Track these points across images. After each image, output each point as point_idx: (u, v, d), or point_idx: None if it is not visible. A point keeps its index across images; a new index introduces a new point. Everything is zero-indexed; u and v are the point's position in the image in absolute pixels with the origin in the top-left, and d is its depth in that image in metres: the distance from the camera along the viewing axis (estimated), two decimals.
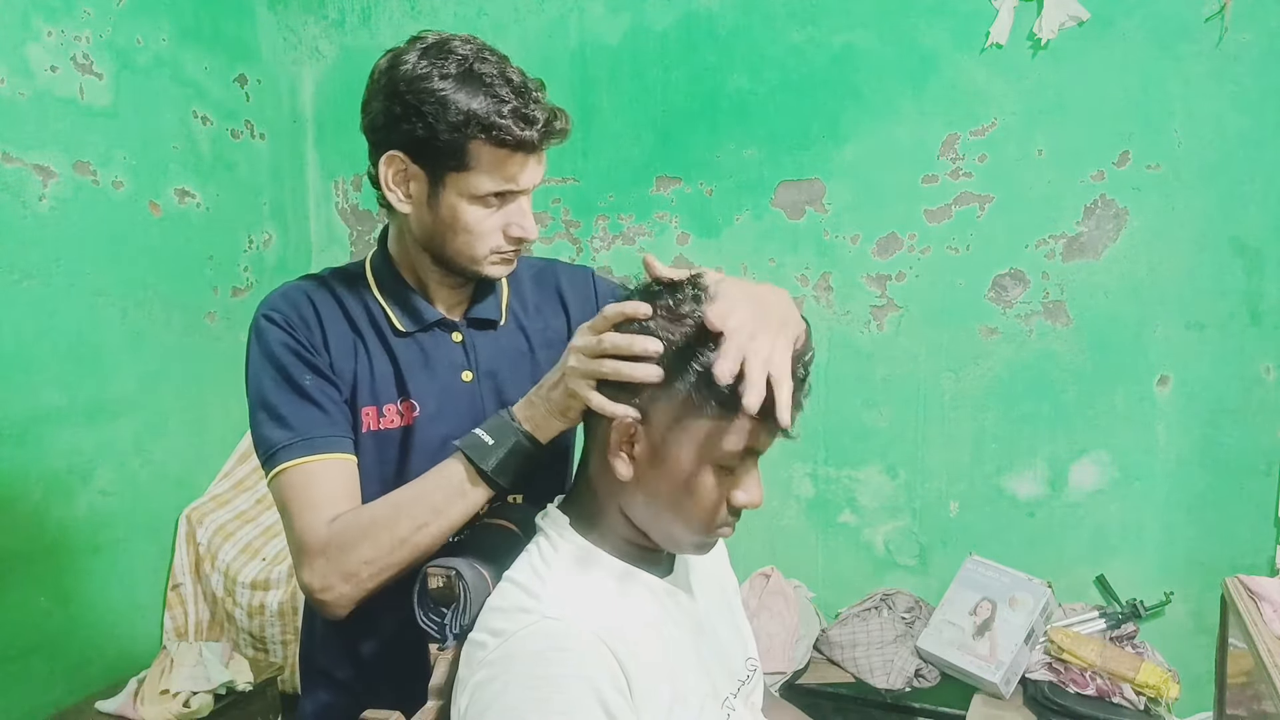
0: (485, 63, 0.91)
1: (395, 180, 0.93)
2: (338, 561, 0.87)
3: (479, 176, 0.91)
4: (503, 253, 0.96)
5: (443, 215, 0.93)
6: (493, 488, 0.88)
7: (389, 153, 0.92)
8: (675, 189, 2.12)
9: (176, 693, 1.81)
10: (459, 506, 0.88)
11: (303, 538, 0.89)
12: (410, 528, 0.87)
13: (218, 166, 2.22)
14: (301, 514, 0.90)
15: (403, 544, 0.87)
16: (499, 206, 0.94)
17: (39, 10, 1.77)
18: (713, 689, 0.82)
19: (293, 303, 0.97)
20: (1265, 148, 1.67)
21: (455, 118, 0.88)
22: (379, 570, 0.87)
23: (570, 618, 0.72)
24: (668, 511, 0.77)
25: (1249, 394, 1.72)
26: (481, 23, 2.22)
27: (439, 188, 0.92)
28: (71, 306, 1.84)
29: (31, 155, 1.76)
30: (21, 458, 1.75)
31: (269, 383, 0.94)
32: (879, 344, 1.99)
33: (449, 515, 0.88)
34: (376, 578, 0.87)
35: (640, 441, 0.76)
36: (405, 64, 0.90)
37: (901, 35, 1.89)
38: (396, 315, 1.00)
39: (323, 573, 0.88)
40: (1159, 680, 1.60)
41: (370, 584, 0.87)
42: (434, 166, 0.91)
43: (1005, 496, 1.93)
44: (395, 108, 0.90)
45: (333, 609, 0.88)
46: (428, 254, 0.98)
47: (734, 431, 0.74)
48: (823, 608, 2.04)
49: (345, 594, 0.87)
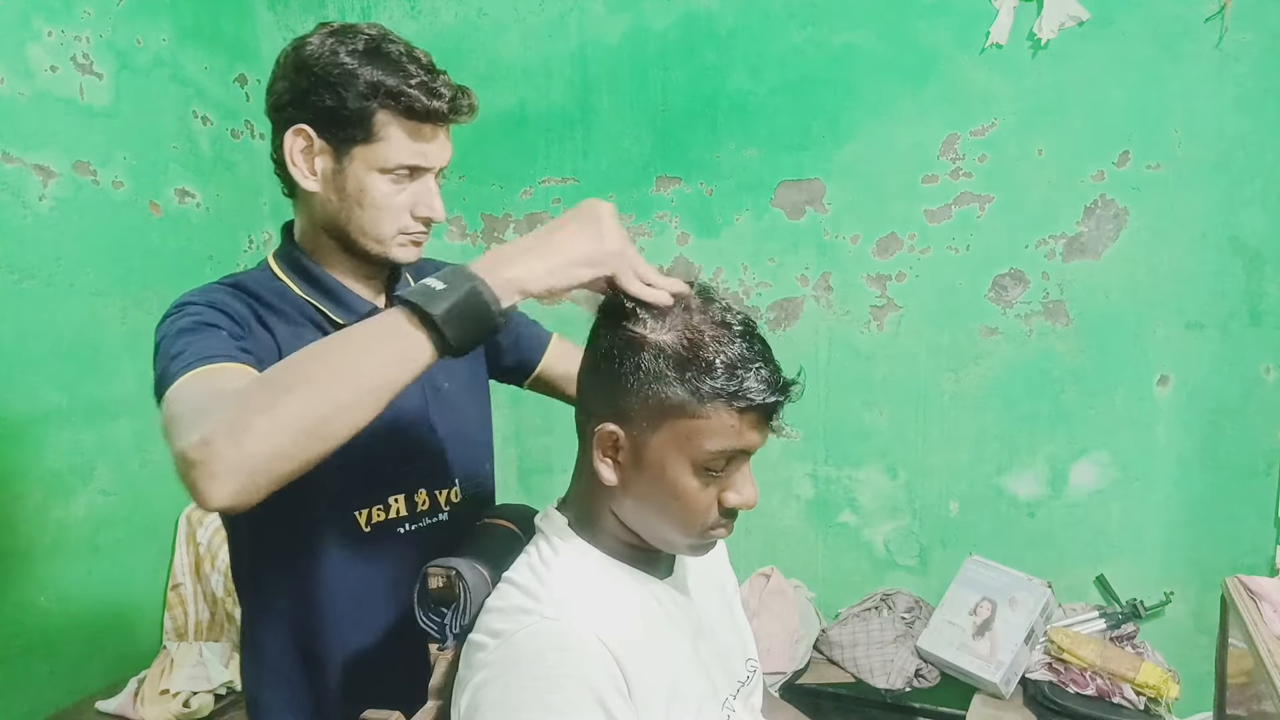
0: (392, 44, 0.93)
1: (300, 156, 0.91)
2: (222, 412, 0.65)
3: (386, 147, 0.90)
4: (410, 233, 0.95)
5: (349, 191, 0.91)
6: (436, 339, 0.71)
7: (295, 126, 0.90)
8: (675, 189, 2.12)
9: (176, 693, 1.81)
10: (390, 351, 0.70)
11: (189, 411, 0.69)
12: (325, 371, 0.67)
13: (218, 166, 2.22)
14: (194, 404, 0.70)
15: (315, 389, 0.66)
16: (406, 184, 0.93)
17: (39, 10, 1.77)
18: (712, 689, 0.82)
19: (209, 296, 0.90)
20: (1265, 148, 1.67)
21: (363, 87, 0.88)
22: (276, 429, 0.64)
23: (569, 619, 0.72)
24: (657, 516, 0.77)
25: (1249, 394, 1.72)
26: (482, 23, 2.22)
27: (345, 161, 0.91)
28: (71, 306, 1.84)
29: (31, 155, 1.76)
30: (21, 458, 1.75)
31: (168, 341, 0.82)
32: (879, 344, 1.99)
33: (379, 359, 0.69)
34: (271, 440, 0.64)
35: (624, 447, 0.76)
36: (310, 44, 0.92)
37: (901, 35, 1.89)
38: (328, 307, 0.97)
39: (200, 428, 0.64)
40: (1159, 680, 1.60)
41: (261, 448, 0.64)
42: (340, 140, 0.90)
43: (1005, 496, 1.93)
44: (302, 82, 0.90)
45: (208, 482, 0.63)
46: (334, 240, 0.96)
47: (713, 432, 0.73)
48: (823, 608, 2.04)
49: (228, 457, 0.63)
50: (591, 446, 0.77)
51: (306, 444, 0.66)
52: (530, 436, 2.33)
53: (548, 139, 2.22)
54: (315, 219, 0.96)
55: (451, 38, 2.24)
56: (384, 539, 0.98)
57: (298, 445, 0.66)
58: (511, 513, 1.01)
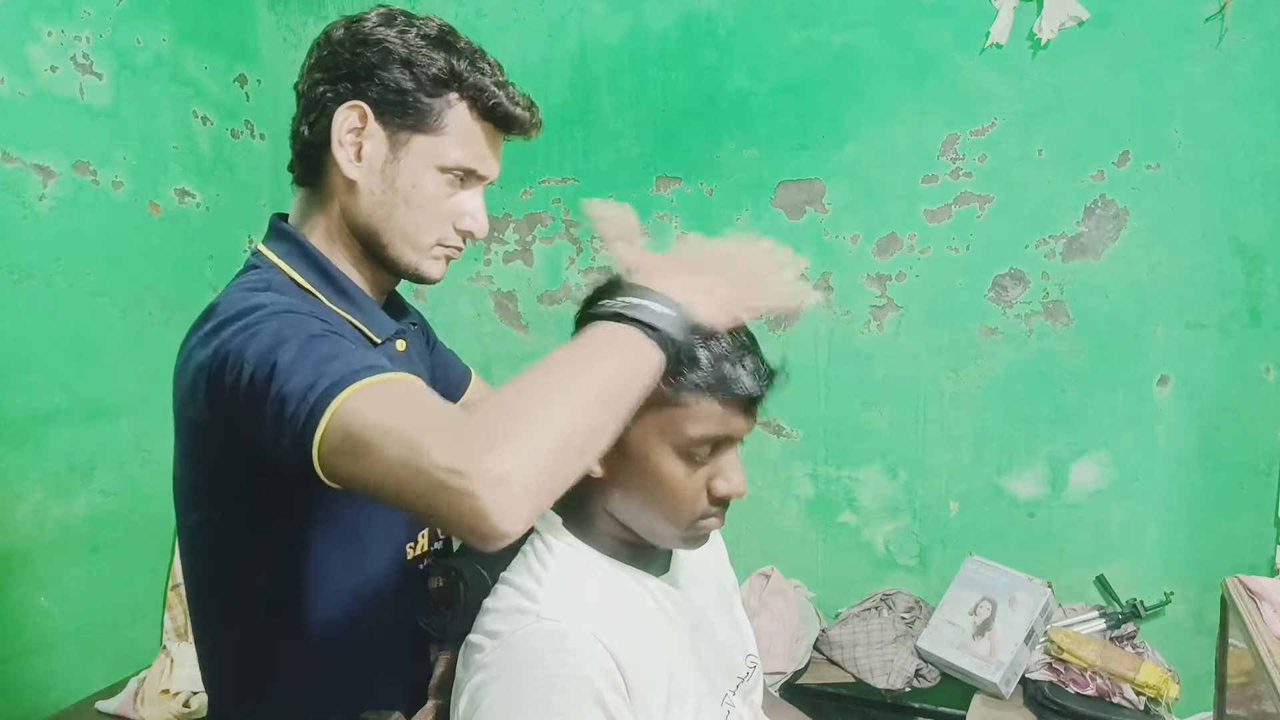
0: (463, 39, 0.86)
1: (348, 136, 0.81)
2: (509, 437, 0.55)
3: (449, 143, 0.82)
4: (447, 246, 0.88)
5: (399, 185, 0.82)
6: (665, 350, 0.66)
7: (352, 101, 0.80)
8: (675, 189, 2.12)
9: (176, 693, 1.81)
10: (641, 370, 0.64)
11: (437, 438, 0.56)
12: (596, 389, 0.61)
13: (218, 166, 2.22)
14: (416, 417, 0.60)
15: (588, 408, 0.60)
16: (458, 190, 0.86)
17: (39, 10, 1.77)
18: (711, 686, 0.83)
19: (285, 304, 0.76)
20: (1265, 148, 1.67)
21: (442, 72, 0.81)
22: (562, 442, 0.57)
23: (566, 619, 0.72)
24: (645, 506, 0.77)
25: (1249, 394, 1.72)
26: (481, 23, 2.22)
27: (401, 152, 0.82)
28: (71, 306, 1.84)
29: (31, 155, 1.76)
30: (21, 458, 1.75)
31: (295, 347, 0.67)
32: (879, 344, 1.99)
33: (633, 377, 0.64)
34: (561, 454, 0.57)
35: None
36: (369, 20, 0.83)
37: (901, 35, 1.89)
38: (365, 323, 0.87)
39: (494, 461, 0.54)
40: (1159, 680, 1.60)
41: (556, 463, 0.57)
42: (401, 126, 0.81)
43: (1005, 496, 1.92)
44: (368, 56, 0.80)
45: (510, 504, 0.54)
46: (360, 241, 0.86)
47: (695, 418, 0.73)
48: (823, 608, 2.04)
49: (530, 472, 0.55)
50: None
51: (579, 464, 0.61)
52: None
53: (548, 139, 2.21)
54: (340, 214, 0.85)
55: None
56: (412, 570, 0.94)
57: (571, 465, 0.60)
58: None
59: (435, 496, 0.55)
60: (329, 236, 0.87)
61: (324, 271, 0.85)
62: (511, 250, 2.28)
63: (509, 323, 2.28)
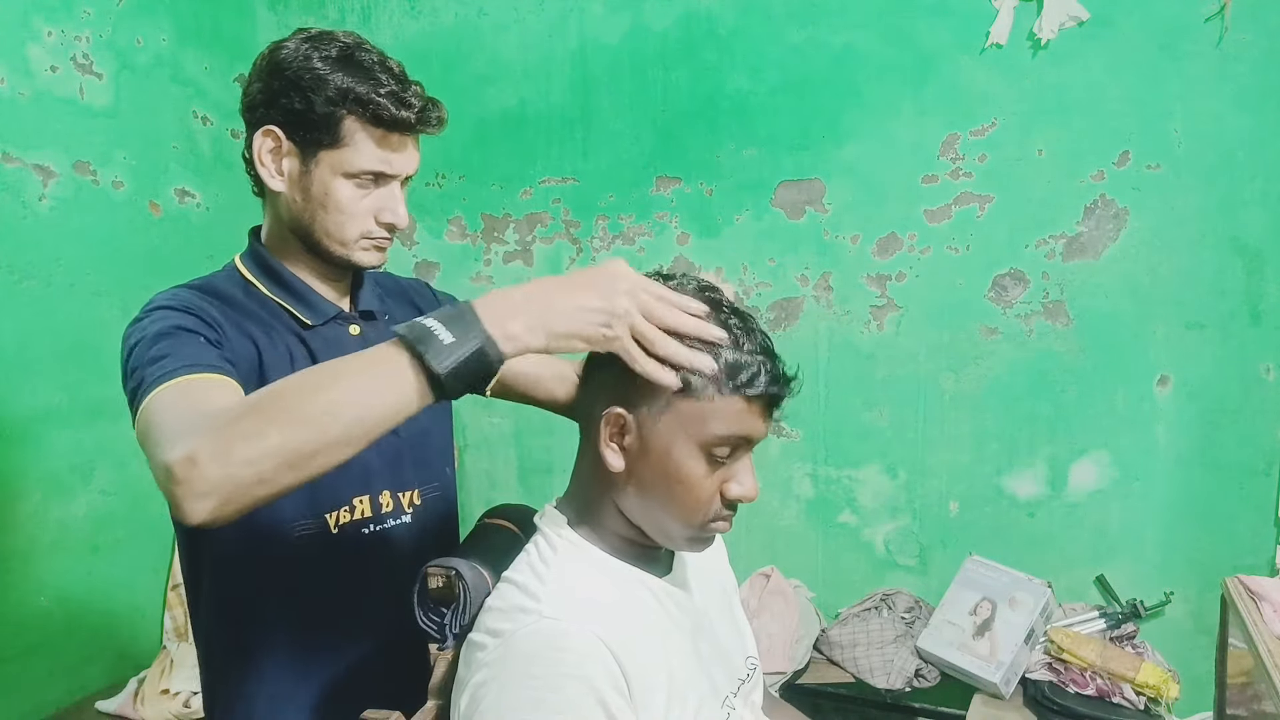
0: (365, 52, 0.94)
1: (269, 156, 0.94)
2: (212, 434, 0.65)
3: (352, 153, 0.91)
4: (373, 238, 0.97)
5: (314, 193, 0.93)
6: (434, 393, 0.69)
7: (264, 127, 0.93)
8: (675, 189, 2.12)
9: (176, 693, 1.81)
10: (386, 396, 0.68)
11: (172, 423, 0.70)
12: (320, 407, 0.66)
13: (218, 166, 2.22)
14: (178, 418, 0.70)
15: (304, 424, 0.65)
16: (371, 189, 0.94)
17: (39, 10, 1.77)
18: (712, 688, 0.83)
19: (182, 300, 0.90)
20: (1265, 148, 1.67)
21: (332, 93, 0.90)
22: (262, 457, 0.64)
23: (569, 618, 0.72)
24: (661, 504, 0.78)
25: (1249, 394, 1.72)
26: (481, 23, 2.22)
27: (312, 164, 0.92)
28: (71, 306, 1.84)
29: (31, 155, 1.76)
30: (21, 458, 1.75)
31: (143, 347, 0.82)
32: (879, 344, 1.99)
33: (371, 403, 0.67)
34: (255, 468, 0.64)
35: (631, 432, 0.76)
36: (286, 48, 0.93)
37: (901, 35, 1.89)
38: (298, 309, 0.98)
39: (186, 445, 0.64)
40: (1159, 680, 1.60)
41: (245, 473, 0.64)
42: (308, 142, 0.91)
43: (1005, 496, 1.93)
44: (274, 84, 0.92)
45: (190, 500, 0.64)
46: (299, 240, 0.97)
47: (720, 415, 0.74)
48: (823, 608, 2.04)
49: (211, 478, 0.63)
50: (598, 433, 0.77)
51: (289, 475, 0.66)
52: (530, 436, 2.33)
53: (548, 139, 2.22)
54: (281, 219, 0.97)
55: (451, 38, 2.24)
56: (350, 540, 0.98)
57: (280, 475, 0.65)
58: (511, 513, 1.01)
59: (160, 485, 0.66)
60: (280, 237, 0.99)
61: (267, 267, 0.99)
62: (511, 250, 2.28)
63: None
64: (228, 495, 0.64)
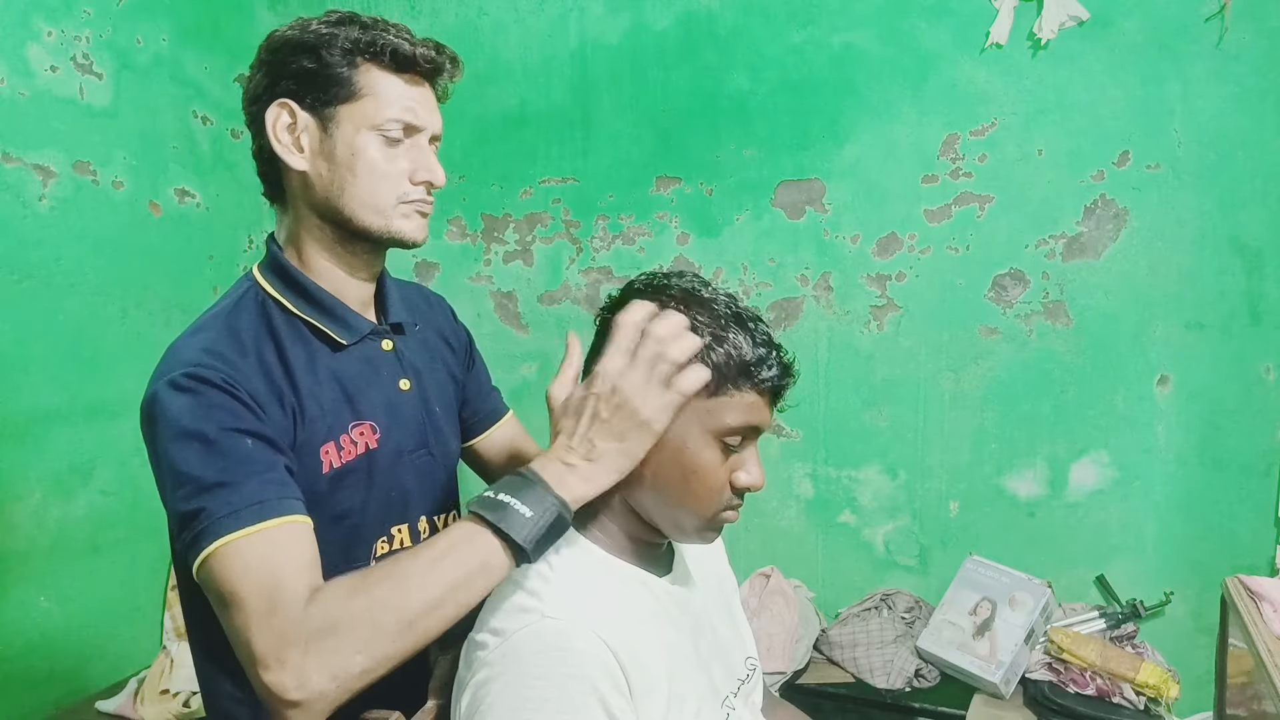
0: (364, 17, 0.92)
1: (285, 132, 0.87)
2: (323, 654, 0.67)
3: (373, 103, 0.87)
4: (410, 201, 0.90)
5: (340, 156, 0.87)
6: (516, 561, 0.74)
7: (276, 101, 0.88)
8: (675, 189, 2.12)
9: (176, 693, 1.81)
10: (480, 584, 0.73)
11: (269, 625, 0.68)
12: (422, 607, 0.70)
13: (218, 166, 2.22)
14: (262, 595, 0.70)
15: (409, 629, 0.69)
16: (401, 148, 0.89)
17: (39, 10, 1.77)
18: (712, 688, 0.83)
19: (218, 370, 0.79)
20: (1265, 148, 1.67)
21: (344, 43, 0.86)
22: (376, 663, 0.69)
23: (570, 617, 0.72)
24: (675, 495, 0.78)
25: (1249, 394, 1.72)
26: (482, 23, 2.22)
27: (332, 127, 0.87)
28: (71, 306, 1.84)
29: (31, 155, 1.76)
30: (21, 458, 1.75)
31: (195, 454, 0.75)
32: (879, 344, 1.99)
33: (469, 594, 0.72)
34: (370, 674, 0.69)
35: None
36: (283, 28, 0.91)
37: (901, 35, 1.89)
38: (331, 328, 0.91)
39: (301, 671, 0.66)
40: (1159, 680, 1.60)
41: (360, 683, 0.69)
42: (324, 103, 0.87)
43: (1005, 496, 1.93)
44: (278, 56, 0.88)
45: (298, 717, 0.68)
46: (330, 224, 0.90)
47: (735, 407, 0.77)
48: (823, 608, 2.04)
49: (328, 698, 0.68)
50: None
51: (393, 665, 0.71)
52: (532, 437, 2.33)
53: (548, 139, 2.22)
54: (305, 206, 0.90)
55: (451, 38, 2.21)
56: None
57: (386, 669, 0.71)
58: None
59: (250, 670, 0.68)
60: (301, 243, 0.92)
61: (291, 280, 0.91)
62: (511, 250, 2.28)
63: (509, 323, 2.28)
64: (335, 701, 0.69)
